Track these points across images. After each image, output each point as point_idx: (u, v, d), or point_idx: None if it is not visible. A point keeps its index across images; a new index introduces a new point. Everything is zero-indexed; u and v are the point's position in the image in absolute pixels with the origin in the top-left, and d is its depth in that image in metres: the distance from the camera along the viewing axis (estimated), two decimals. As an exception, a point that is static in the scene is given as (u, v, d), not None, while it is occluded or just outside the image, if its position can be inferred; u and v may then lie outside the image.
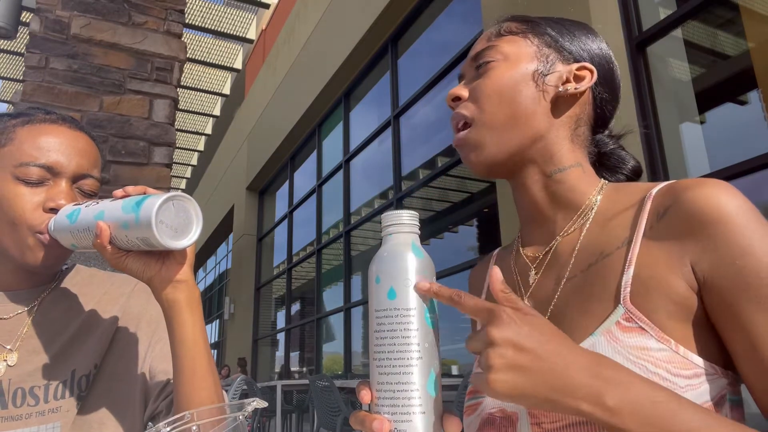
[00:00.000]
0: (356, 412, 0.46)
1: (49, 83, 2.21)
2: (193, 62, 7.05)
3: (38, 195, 0.76)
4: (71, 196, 0.78)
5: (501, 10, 0.71)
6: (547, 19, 0.72)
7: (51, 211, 0.76)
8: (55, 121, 0.81)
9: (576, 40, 0.70)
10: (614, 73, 0.72)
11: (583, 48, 0.70)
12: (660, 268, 0.56)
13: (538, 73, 0.67)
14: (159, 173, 2.32)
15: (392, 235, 0.48)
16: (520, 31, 0.70)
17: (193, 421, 0.52)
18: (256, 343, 11.01)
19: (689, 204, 0.55)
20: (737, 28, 3.06)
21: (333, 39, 7.74)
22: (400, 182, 6.43)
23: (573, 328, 0.59)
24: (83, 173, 0.80)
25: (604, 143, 0.72)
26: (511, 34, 0.70)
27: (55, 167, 0.77)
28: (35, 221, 0.76)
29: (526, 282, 0.69)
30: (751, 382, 0.52)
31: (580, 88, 0.66)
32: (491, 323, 0.46)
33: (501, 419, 0.62)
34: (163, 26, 2.49)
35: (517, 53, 0.68)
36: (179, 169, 11.27)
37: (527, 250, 0.71)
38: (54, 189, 0.77)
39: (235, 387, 6.20)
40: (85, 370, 0.80)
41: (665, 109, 3.09)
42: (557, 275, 0.65)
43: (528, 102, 0.66)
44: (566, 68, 0.68)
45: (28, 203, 0.76)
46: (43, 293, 0.84)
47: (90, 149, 0.83)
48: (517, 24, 0.71)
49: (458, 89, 0.70)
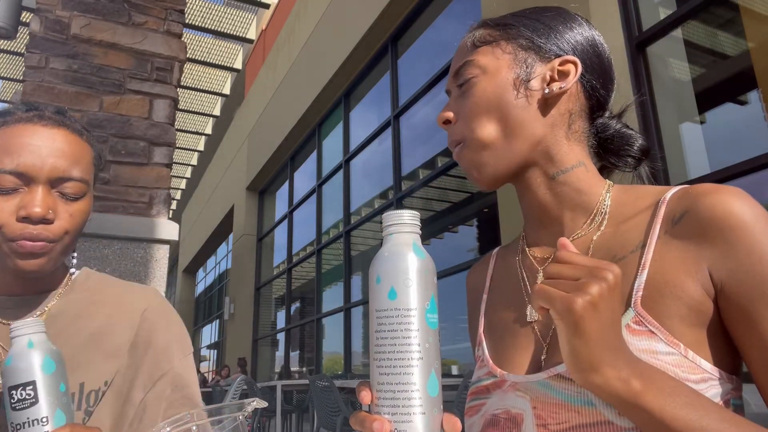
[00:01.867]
0: (356, 412, 0.46)
1: (49, 83, 2.21)
2: (193, 62, 7.05)
3: (11, 203, 0.72)
4: (46, 202, 0.73)
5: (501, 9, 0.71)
6: (520, 17, 0.69)
7: (24, 220, 0.72)
8: (30, 119, 0.75)
9: (553, 33, 0.67)
10: (602, 56, 0.69)
11: (562, 40, 0.67)
12: (675, 272, 0.55)
13: (519, 80, 0.65)
14: (159, 173, 2.32)
15: (393, 235, 0.48)
16: (494, 39, 0.68)
17: (193, 421, 0.52)
18: (256, 343, 11.01)
19: (707, 210, 0.55)
20: (737, 28, 3.06)
21: (333, 39, 7.74)
22: (400, 182, 6.43)
23: None
24: (59, 176, 0.74)
25: (605, 127, 0.70)
26: (485, 44, 0.68)
27: (26, 173, 0.72)
28: (7, 230, 0.72)
29: (534, 283, 0.68)
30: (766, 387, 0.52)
31: (565, 85, 0.64)
32: (611, 268, 0.49)
33: (505, 420, 0.62)
34: (163, 26, 2.49)
35: (495, 65, 0.66)
36: (179, 169, 11.26)
37: (534, 251, 0.70)
38: (27, 196, 0.72)
39: (235, 387, 6.20)
40: (95, 386, 0.78)
41: (665, 109, 3.09)
42: None
43: (516, 112, 0.64)
44: (548, 67, 0.66)
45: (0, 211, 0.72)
46: (51, 299, 0.82)
47: (70, 148, 0.76)
48: (490, 31, 0.69)
49: (445, 112, 0.69)
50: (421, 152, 6.25)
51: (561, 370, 0.58)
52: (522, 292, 0.69)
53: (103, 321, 0.83)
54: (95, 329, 0.82)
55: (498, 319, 0.71)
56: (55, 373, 0.64)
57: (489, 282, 0.77)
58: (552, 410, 0.57)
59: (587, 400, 0.55)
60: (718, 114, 3.27)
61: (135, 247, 2.17)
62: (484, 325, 0.73)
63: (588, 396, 0.55)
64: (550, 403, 0.58)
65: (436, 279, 0.48)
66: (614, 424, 0.53)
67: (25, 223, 0.72)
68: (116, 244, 2.13)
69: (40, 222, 0.73)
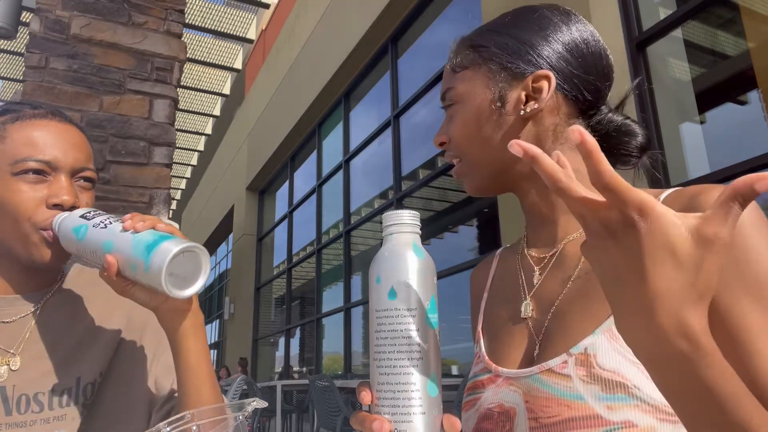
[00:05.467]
0: (356, 412, 0.46)
1: (49, 83, 2.21)
2: (193, 62, 7.05)
3: (39, 191, 0.75)
4: (72, 191, 0.77)
5: (501, 9, 0.71)
6: (492, 34, 0.69)
7: (55, 207, 0.75)
8: (44, 115, 0.79)
9: (525, 48, 0.66)
10: (586, 56, 0.67)
11: (534, 54, 0.66)
12: None
13: (494, 104, 0.67)
14: (159, 173, 2.32)
15: (393, 235, 0.48)
16: (470, 63, 0.70)
17: (193, 421, 0.52)
18: (256, 343, 11.01)
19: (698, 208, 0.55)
20: (737, 28, 3.06)
21: (333, 39, 7.74)
22: (400, 182, 6.43)
23: (574, 327, 0.60)
24: (81, 167, 0.79)
25: (602, 123, 0.69)
26: (463, 69, 0.70)
27: (53, 162, 0.76)
28: (39, 218, 0.74)
29: (530, 282, 0.69)
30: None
31: (539, 105, 0.65)
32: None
33: (499, 414, 0.63)
34: (163, 26, 2.49)
35: (471, 91, 0.69)
36: (179, 169, 11.27)
37: (532, 251, 0.72)
38: (55, 185, 0.76)
39: (235, 387, 6.20)
40: (91, 378, 0.79)
41: (665, 109, 3.09)
42: (562, 277, 0.66)
43: (493, 133, 0.67)
44: (521, 86, 0.66)
45: (30, 200, 0.74)
46: (46, 295, 0.83)
47: (82, 143, 0.81)
48: (465, 53, 0.70)
49: (439, 136, 0.73)
50: (421, 152, 6.25)
51: (552, 364, 0.59)
52: (519, 290, 0.70)
53: (96, 314, 0.85)
54: (89, 323, 0.83)
55: (495, 317, 0.73)
56: None
57: (490, 281, 0.78)
58: (543, 404, 0.58)
59: (577, 395, 0.56)
60: (718, 114, 3.27)
61: (135, 247, 2.16)
62: (482, 323, 0.75)
63: (578, 390, 0.56)
64: (541, 397, 0.59)
65: (436, 279, 0.48)
66: (603, 418, 0.53)
67: (56, 210, 0.75)
68: (116, 244, 2.12)
69: (70, 209, 0.75)
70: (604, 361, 0.55)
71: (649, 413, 0.52)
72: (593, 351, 0.56)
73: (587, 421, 0.54)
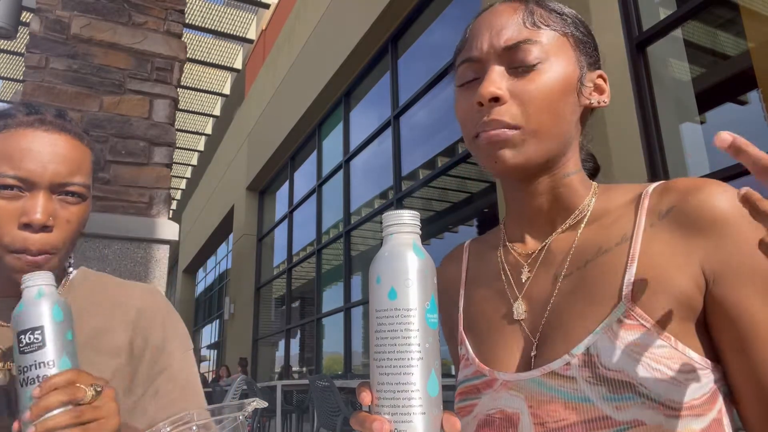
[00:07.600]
0: (356, 412, 0.46)
1: (49, 83, 2.21)
2: (193, 62, 7.05)
3: (13, 208, 0.72)
4: (47, 209, 0.72)
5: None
6: (566, 10, 0.65)
7: (25, 227, 0.71)
8: (32, 124, 0.75)
9: (592, 41, 0.65)
10: None
11: (597, 52, 0.65)
12: (664, 266, 0.56)
13: (579, 82, 0.62)
14: (159, 173, 2.32)
15: (393, 235, 0.48)
16: (557, 26, 0.62)
17: (193, 421, 0.52)
18: (256, 343, 11.01)
19: (697, 205, 0.56)
20: (737, 28, 3.06)
21: (333, 39, 7.74)
22: (400, 182, 6.43)
23: (572, 327, 0.59)
24: (61, 181, 0.74)
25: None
26: (548, 28, 0.61)
27: (29, 178, 0.72)
28: (7, 238, 0.71)
29: (518, 280, 0.67)
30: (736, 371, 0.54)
31: (607, 101, 0.64)
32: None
33: (500, 420, 0.61)
34: (163, 26, 2.49)
35: (563, 57, 0.61)
36: (179, 169, 11.26)
37: (516, 246, 0.69)
38: (29, 201, 0.72)
39: (235, 387, 6.20)
40: None
41: (665, 109, 3.09)
42: (553, 273, 0.64)
43: (568, 113, 0.62)
44: (593, 76, 0.64)
45: (2, 218, 0.71)
46: None
47: (71, 153, 0.76)
48: (548, 14, 0.63)
49: (497, 89, 0.59)
50: (421, 152, 6.25)
51: (554, 366, 0.57)
52: (505, 288, 0.68)
53: (101, 320, 0.83)
54: (93, 329, 0.82)
55: (479, 316, 0.69)
56: (62, 321, 0.66)
57: (464, 277, 0.75)
58: (548, 408, 0.57)
59: (584, 397, 0.55)
60: (718, 114, 3.27)
61: (135, 247, 2.17)
62: (463, 323, 0.71)
63: (584, 392, 0.55)
64: (546, 401, 0.57)
65: (436, 279, 0.48)
66: (612, 419, 0.53)
67: (27, 231, 0.72)
68: (116, 244, 2.13)
69: (41, 230, 0.73)
70: (608, 360, 0.54)
71: (656, 410, 0.52)
72: (596, 351, 0.55)
73: (596, 423, 0.53)
